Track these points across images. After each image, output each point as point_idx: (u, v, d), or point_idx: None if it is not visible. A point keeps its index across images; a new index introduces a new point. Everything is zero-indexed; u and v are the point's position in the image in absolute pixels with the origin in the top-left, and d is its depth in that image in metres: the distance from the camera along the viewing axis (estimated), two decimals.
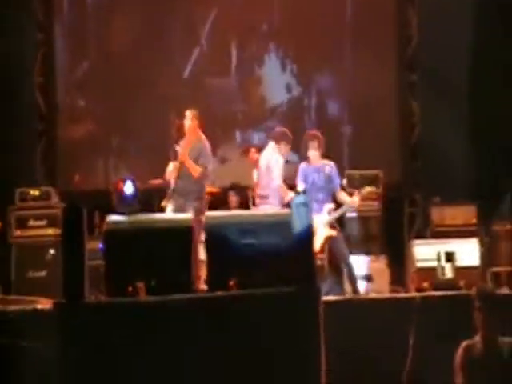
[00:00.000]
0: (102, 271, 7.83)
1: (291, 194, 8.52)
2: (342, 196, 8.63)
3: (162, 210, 8.73)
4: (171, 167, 8.84)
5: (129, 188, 8.70)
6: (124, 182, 8.69)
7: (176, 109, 9.61)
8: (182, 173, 8.83)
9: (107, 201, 8.84)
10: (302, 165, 8.70)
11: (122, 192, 8.64)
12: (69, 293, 6.63)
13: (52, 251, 9.20)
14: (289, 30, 11.36)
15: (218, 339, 6.47)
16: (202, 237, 7.16)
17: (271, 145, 9.03)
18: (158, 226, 7.10)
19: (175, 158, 8.85)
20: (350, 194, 8.67)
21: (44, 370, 6.58)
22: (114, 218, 7.31)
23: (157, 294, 6.75)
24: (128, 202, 8.59)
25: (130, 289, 6.82)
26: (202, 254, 7.34)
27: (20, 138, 10.68)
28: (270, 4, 11.47)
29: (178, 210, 8.60)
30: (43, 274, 9.15)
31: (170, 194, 8.79)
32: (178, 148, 8.87)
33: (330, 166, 8.61)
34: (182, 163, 8.82)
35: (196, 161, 8.82)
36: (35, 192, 9.57)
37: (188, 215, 7.42)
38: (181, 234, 6.97)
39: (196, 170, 8.77)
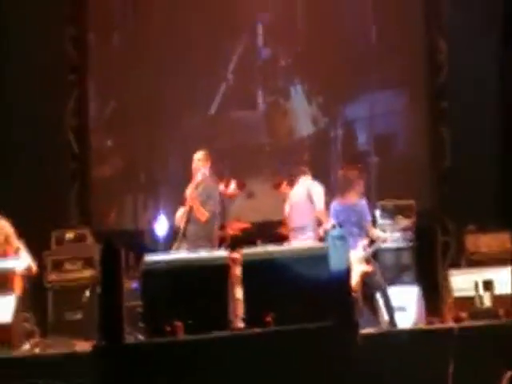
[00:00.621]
0: (137, 311, 8.05)
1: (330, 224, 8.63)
2: (374, 231, 8.72)
3: None
4: (181, 211, 8.88)
5: (162, 226, 8.76)
6: (156, 220, 8.77)
7: (202, 145, 9.70)
8: (192, 216, 8.85)
9: (139, 239, 8.90)
10: (334, 203, 8.79)
11: (155, 230, 8.72)
12: (108, 334, 6.70)
13: (87, 293, 9.29)
14: (314, 62, 11.38)
15: (257, 376, 6.51)
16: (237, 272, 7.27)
17: (304, 178, 9.18)
18: (194, 264, 7.20)
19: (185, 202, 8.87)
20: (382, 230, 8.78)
21: None
22: (150, 257, 7.43)
23: (195, 332, 6.83)
24: (161, 241, 8.67)
25: (168, 328, 6.92)
26: (238, 291, 7.38)
27: (54, 179, 10.77)
28: (294, 37, 11.54)
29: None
30: (79, 316, 9.21)
31: (180, 239, 8.80)
32: (187, 190, 8.91)
33: (361, 203, 8.71)
34: (191, 207, 8.85)
35: (204, 204, 8.85)
36: (70, 234, 9.69)
37: (224, 252, 7.49)
38: (217, 272, 7.08)
39: (203, 215, 8.77)
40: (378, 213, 9.49)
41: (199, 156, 9.02)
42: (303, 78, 11.59)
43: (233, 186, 9.07)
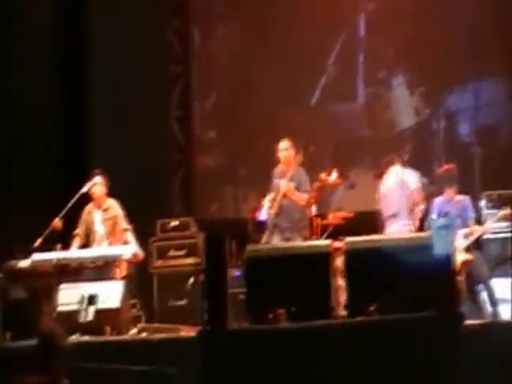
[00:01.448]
0: (239, 298, 8.15)
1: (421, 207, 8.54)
2: (476, 228, 8.68)
3: None
4: (267, 203, 8.89)
5: (264, 215, 8.83)
6: (259, 209, 8.84)
7: (303, 137, 9.71)
8: (284, 207, 8.82)
9: (241, 229, 8.99)
10: (438, 200, 8.77)
11: (257, 219, 8.78)
12: (213, 320, 6.83)
13: (191, 280, 9.41)
14: (416, 52, 11.27)
15: (358, 365, 6.49)
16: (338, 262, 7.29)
17: (394, 167, 9.16)
18: (297, 252, 7.24)
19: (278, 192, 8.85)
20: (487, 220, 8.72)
21: None
22: (253, 246, 7.52)
23: (297, 320, 6.88)
24: (263, 230, 8.73)
25: (271, 316, 6.98)
26: (340, 281, 7.39)
27: (158, 169, 10.98)
28: (395, 27, 11.45)
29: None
30: (183, 302, 9.34)
31: (271, 229, 8.79)
32: (276, 181, 8.90)
33: (464, 200, 8.71)
34: (284, 196, 8.83)
35: (297, 190, 8.82)
36: (175, 223, 9.80)
37: (327, 241, 7.52)
38: (320, 260, 7.10)
39: (303, 200, 8.76)
40: (482, 203, 9.39)
41: (285, 145, 9.00)
42: (406, 68, 11.49)
43: (334, 175, 9.06)
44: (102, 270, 8.34)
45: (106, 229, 8.77)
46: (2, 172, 9.73)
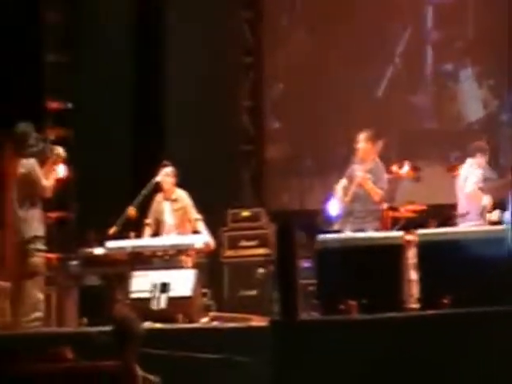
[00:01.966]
0: (309, 289, 8.17)
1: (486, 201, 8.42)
2: None
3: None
4: (340, 190, 8.85)
5: (334, 207, 8.81)
6: (329, 201, 8.82)
7: (370, 128, 9.70)
8: (359, 195, 8.78)
9: (312, 220, 8.98)
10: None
11: (328, 211, 8.77)
12: (284, 310, 6.84)
13: (262, 270, 9.47)
14: (486, 44, 11.16)
15: (431, 358, 6.45)
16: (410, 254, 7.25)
17: (468, 161, 9.03)
18: (368, 243, 7.22)
19: (350, 181, 8.82)
20: None
21: None
22: (324, 236, 7.51)
23: (368, 312, 6.88)
24: (333, 221, 8.72)
25: (342, 307, 6.98)
26: (412, 273, 7.35)
27: (229, 160, 11.11)
28: (464, 19, 11.33)
29: (356, 232, 8.56)
30: (254, 292, 9.42)
31: (345, 217, 8.73)
32: (356, 171, 8.81)
33: None
34: (360, 185, 8.78)
35: (373, 184, 8.76)
36: (246, 213, 9.90)
37: (399, 233, 7.49)
38: (392, 252, 7.08)
39: (377, 194, 8.70)
40: None
41: (364, 136, 8.93)
42: (474, 60, 11.37)
43: (406, 168, 9.00)
44: (173, 258, 8.39)
45: (175, 219, 8.86)
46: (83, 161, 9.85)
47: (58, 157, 8.30)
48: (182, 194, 8.92)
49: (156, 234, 8.89)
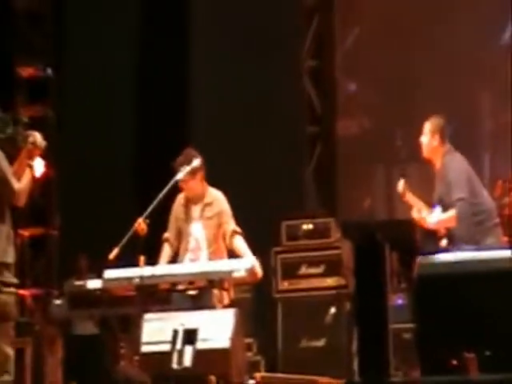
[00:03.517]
0: (404, 338, 8.11)
1: None
2: None
3: None
4: None
5: (433, 218, 8.76)
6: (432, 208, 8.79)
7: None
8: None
9: (408, 235, 8.94)
10: None
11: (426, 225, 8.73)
12: (367, 369, 6.82)
13: (333, 310, 9.41)
14: None
15: None
16: None
17: None
18: (495, 268, 7.11)
19: None
20: None
21: None
22: (426, 259, 7.39)
23: (495, 369, 6.80)
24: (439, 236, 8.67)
25: (455, 362, 6.91)
26: None
27: (284, 149, 11.16)
28: None
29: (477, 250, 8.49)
30: (321, 342, 9.41)
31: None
32: None
33: None
34: None
35: (446, 195, 8.69)
36: (308, 226, 9.93)
37: None
38: None
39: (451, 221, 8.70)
40: None
41: (429, 126, 8.86)
42: None
43: None
44: (202, 293, 8.37)
45: (208, 232, 8.82)
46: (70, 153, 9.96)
47: (34, 147, 8.29)
48: (218, 196, 8.90)
49: (178, 253, 8.87)
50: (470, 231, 8.47)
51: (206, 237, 8.82)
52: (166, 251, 8.87)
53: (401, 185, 8.76)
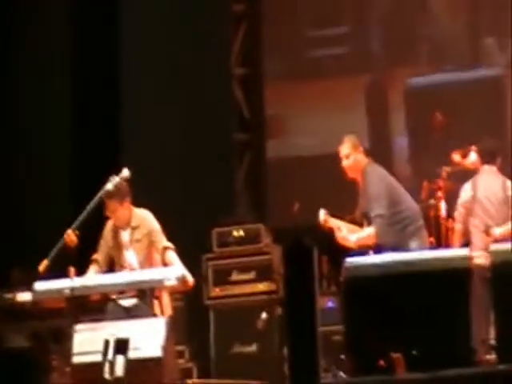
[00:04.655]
0: (335, 339, 8.14)
1: None
2: None
3: None
4: None
5: (353, 236, 8.79)
6: None
7: None
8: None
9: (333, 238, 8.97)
10: None
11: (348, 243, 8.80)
12: (298, 373, 6.86)
13: (264, 315, 9.47)
14: None
15: None
16: None
17: None
18: (419, 269, 7.21)
19: None
20: None
21: None
22: (354, 260, 7.47)
23: (422, 368, 6.88)
24: None
25: (383, 362, 6.99)
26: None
27: (213, 155, 11.12)
28: None
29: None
30: (253, 348, 9.45)
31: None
32: None
33: None
34: None
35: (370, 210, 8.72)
36: (239, 232, 9.93)
37: (464, 251, 7.47)
38: (455, 281, 7.08)
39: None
40: None
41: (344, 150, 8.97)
42: None
43: (474, 156, 9.11)
44: (133, 303, 8.38)
45: (138, 256, 8.82)
46: None
47: None
48: (144, 216, 8.89)
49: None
50: (395, 239, 8.54)
51: (139, 261, 8.86)
52: (93, 271, 8.87)
53: (322, 215, 8.76)
